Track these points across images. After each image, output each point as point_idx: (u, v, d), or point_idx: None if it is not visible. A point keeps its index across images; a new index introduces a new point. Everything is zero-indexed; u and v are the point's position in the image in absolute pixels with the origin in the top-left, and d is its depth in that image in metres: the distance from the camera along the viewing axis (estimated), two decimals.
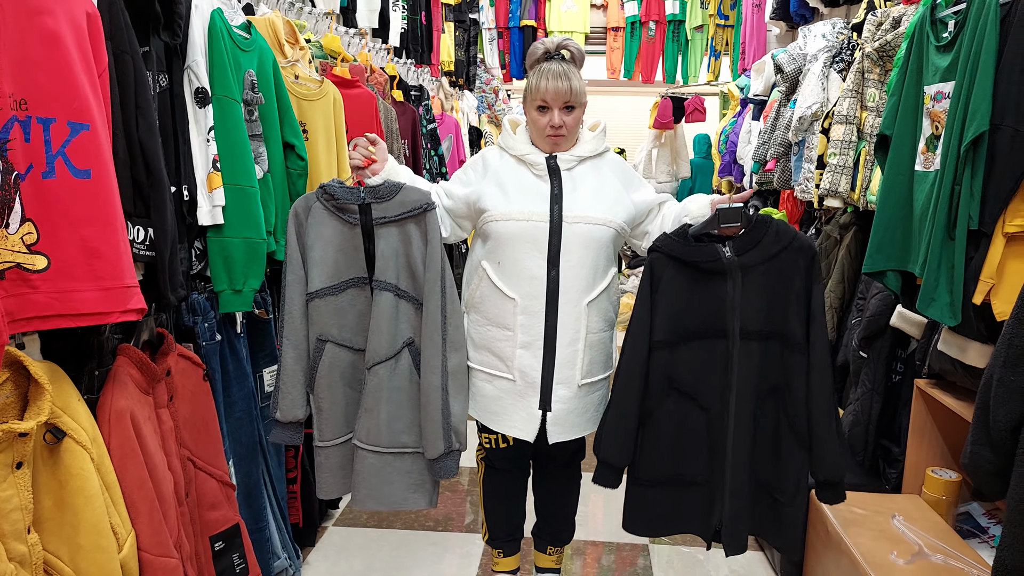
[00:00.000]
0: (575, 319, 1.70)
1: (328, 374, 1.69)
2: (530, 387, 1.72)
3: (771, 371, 1.64)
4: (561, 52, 1.71)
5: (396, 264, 1.64)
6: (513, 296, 1.69)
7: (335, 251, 1.65)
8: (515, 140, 1.77)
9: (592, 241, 1.69)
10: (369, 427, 1.68)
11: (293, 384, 1.69)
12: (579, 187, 1.72)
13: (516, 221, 1.68)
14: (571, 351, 1.71)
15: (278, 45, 2.07)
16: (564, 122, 1.68)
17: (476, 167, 1.81)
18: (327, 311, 1.67)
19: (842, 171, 2.57)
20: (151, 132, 1.33)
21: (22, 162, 1.11)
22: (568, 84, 1.66)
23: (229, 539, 1.61)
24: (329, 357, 1.69)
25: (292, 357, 1.68)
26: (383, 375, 1.66)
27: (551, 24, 6.45)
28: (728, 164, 4.66)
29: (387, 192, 1.63)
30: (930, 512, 1.94)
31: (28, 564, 1.15)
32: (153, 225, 1.36)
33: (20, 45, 1.10)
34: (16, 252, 1.12)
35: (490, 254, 1.73)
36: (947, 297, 1.60)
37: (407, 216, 1.63)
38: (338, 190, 1.63)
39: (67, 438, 1.21)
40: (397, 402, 1.68)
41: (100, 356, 1.36)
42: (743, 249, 1.61)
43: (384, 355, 1.66)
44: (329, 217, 1.64)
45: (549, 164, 1.72)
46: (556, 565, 2.10)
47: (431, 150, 3.63)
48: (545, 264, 1.68)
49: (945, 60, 1.68)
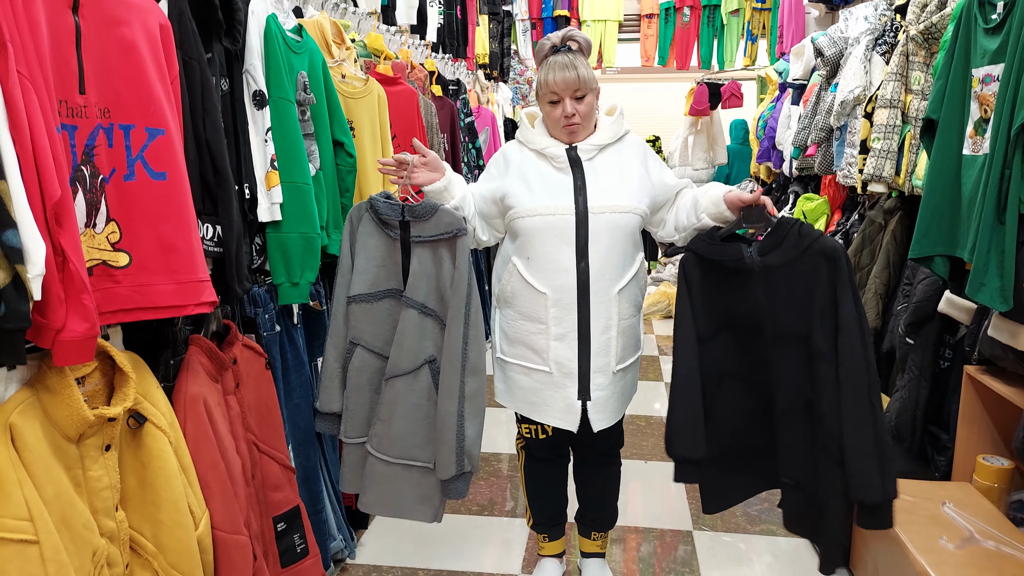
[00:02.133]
0: (606, 308, 1.73)
1: (357, 376, 1.74)
2: (567, 378, 1.76)
3: (803, 378, 1.61)
4: (568, 44, 1.73)
5: (426, 284, 1.68)
6: (544, 291, 1.72)
7: (376, 263, 1.71)
8: (534, 134, 1.79)
9: (619, 229, 1.71)
10: (381, 436, 1.71)
11: (331, 379, 1.75)
12: (601, 176, 1.73)
13: (542, 216, 1.71)
14: (605, 339, 1.74)
15: (326, 46, 2.14)
16: (577, 110, 1.70)
17: (498, 164, 1.83)
18: (363, 317, 1.72)
19: (886, 156, 2.54)
20: (218, 134, 1.40)
21: (106, 166, 1.19)
22: (575, 73, 1.68)
23: (291, 520, 1.69)
24: (359, 360, 1.73)
25: (333, 355, 1.75)
26: (400, 388, 1.69)
27: (584, 13, 6.43)
28: (767, 150, 4.61)
29: (425, 212, 1.66)
30: (981, 499, 1.93)
31: (117, 539, 1.23)
32: (221, 222, 1.43)
33: (102, 56, 1.18)
34: (102, 250, 1.20)
35: (519, 250, 1.76)
36: (997, 282, 1.59)
37: (440, 238, 1.66)
38: (382, 205, 1.68)
39: (148, 423, 1.30)
40: (414, 419, 1.69)
41: (174, 346, 1.44)
42: (766, 250, 1.62)
43: (403, 369, 1.68)
44: (375, 229, 1.70)
45: (570, 156, 1.74)
46: (601, 550, 2.14)
47: (469, 143, 3.68)
48: (574, 256, 1.70)
49: (994, 42, 1.66)
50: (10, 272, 0.98)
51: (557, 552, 2.12)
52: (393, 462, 1.72)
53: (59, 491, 1.12)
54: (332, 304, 1.75)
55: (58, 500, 1.12)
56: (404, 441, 1.70)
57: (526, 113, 1.86)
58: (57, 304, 1.04)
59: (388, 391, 1.70)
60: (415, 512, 1.75)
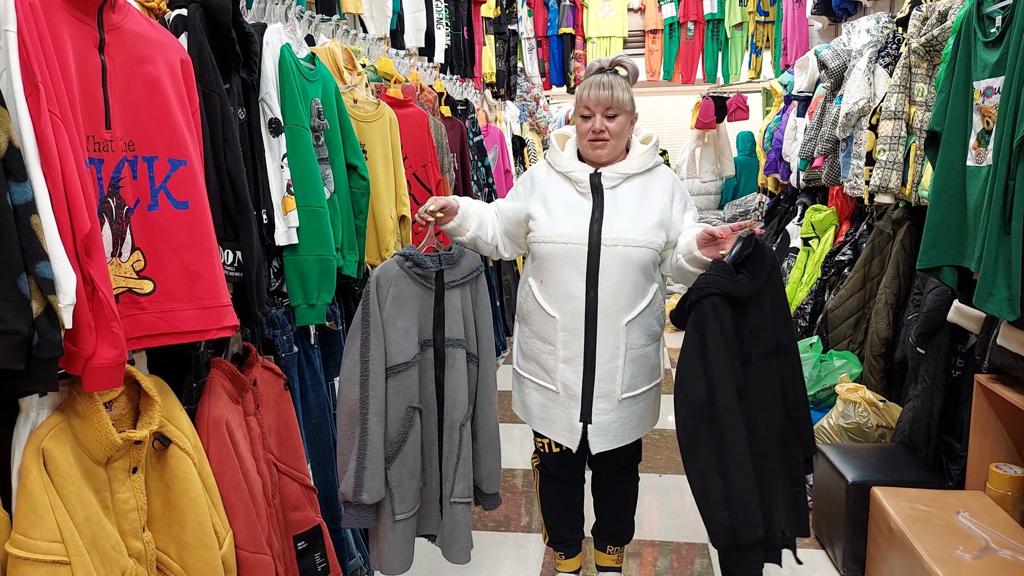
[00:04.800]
0: (614, 337, 1.75)
1: (414, 443, 1.73)
2: (572, 399, 1.79)
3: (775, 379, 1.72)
4: (615, 68, 1.79)
5: (460, 322, 1.76)
6: (554, 315, 1.77)
7: (418, 317, 1.73)
8: (562, 157, 1.83)
9: (630, 262, 1.73)
10: (461, 480, 1.76)
11: (379, 465, 1.66)
12: (620, 207, 1.76)
13: (555, 243, 1.76)
14: (611, 367, 1.77)
15: (338, 72, 2.19)
16: (606, 127, 1.73)
17: (525, 184, 1.88)
18: (413, 378, 1.73)
19: (892, 167, 2.56)
20: (238, 163, 1.45)
21: (131, 197, 1.24)
22: (610, 92, 1.72)
23: (312, 539, 1.72)
24: (418, 425, 1.75)
25: (378, 433, 1.65)
26: (466, 430, 1.76)
27: (589, 31, 6.51)
28: (773, 161, 4.64)
29: (456, 258, 1.76)
30: (995, 508, 1.92)
31: (144, 560, 1.27)
32: (241, 248, 1.47)
33: (127, 92, 1.23)
34: (127, 278, 1.24)
35: (535, 271, 1.82)
36: (1005, 292, 1.60)
37: (468, 279, 1.77)
38: (421, 258, 1.71)
39: (172, 445, 1.33)
40: (466, 459, 1.78)
41: (196, 369, 1.48)
42: (753, 272, 1.65)
43: (466, 411, 1.76)
44: (412, 284, 1.72)
45: (592, 182, 1.77)
46: (616, 564, 2.15)
47: (478, 161, 3.74)
48: (584, 285, 1.73)
49: (994, 55, 1.68)
50: (43, 303, 1.02)
51: (574, 569, 2.13)
52: (460, 502, 1.77)
53: (89, 514, 1.16)
54: (370, 380, 1.65)
55: (88, 522, 1.15)
56: (466, 480, 1.78)
57: (556, 135, 1.90)
58: (87, 332, 1.08)
59: (461, 435, 1.75)
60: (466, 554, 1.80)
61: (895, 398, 2.70)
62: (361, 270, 2.12)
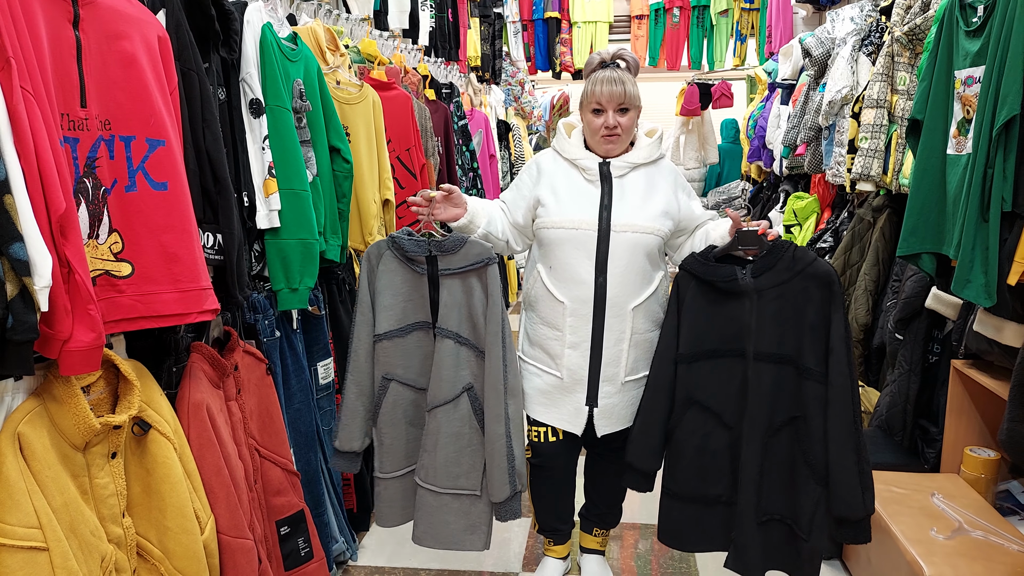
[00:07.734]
0: (621, 322, 1.78)
1: (391, 411, 1.77)
2: (577, 384, 1.82)
3: (787, 398, 1.65)
4: (617, 61, 1.81)
5: (458, 314, 1.72)
6: (563, 300, 1.78)
7: (403, 298, 1.73)
8: (569, 144, 1.85)
9: (639, 248, 1.76)
10: (428, 467, 1.76)
11: (352, 418, 1.77)
12: (628, 194, 1.78)
13: (565, 229, 1.77)
14: (616, 351, 1.79)
15: (320, 53, 2.16)
16: (619, 123, 1.76)
17: (531, 173, 1.89)
18: (394, 351, 1.75)
19: (874, 155, 2.58)
20: (217, 144, 1.42)
21: (108, 178, 1.21)
22: (623, 88, 1.75)
23: (295, 524, 1.71)
24: (393, 395, 1.77)
25: (354, 393, 1.76)
26: (441, 418, 1.74)
27: (575, 15, 6.47)
28: (757, 149, 4.66)
29: (452, 246, 1.70)
30: (969, 490, 1.97)
31: (124, 545, 1.25)
32: (221, 230, 1.45)
33: (103, 69, 1.20)
34: (105, 260, 1.22)
35: (543, 257, 1.83)
36: (982, 279, 1.63)
37: (470, 269, 1.70)
38: (407, 242, 1.70)
39: (152, 430, 1.32)
40: (457, 447, 1.75)
41: (176, 353, 1.46)
42: (759, 271, 1.65)
43: (444, 398, 1.73)
44: (399, 265, 1.72)
45: (601, 170, 1.79)
46: (600, 547, 2.17)
47: (463, 146, 3.71)
48: (593, 270, 1.75)
49: (975, 45, 1.70)
50: (17, 284, 1.00)
51: (562, 556, 2.15)
52: (442, 492, 1.77)
53: (67, 499, 1.14)
54: (352, 344, 1.75)
55: (66, 508, 1.14)
56: (449, 470, 1.75)
57: (563, 123, 1.91)
58: (64, 315, 1.06)
59: (431, 422, 1.75)
60: (466, 543, 1.80)
61: (873, 383, 2.74)
62: (344, 254, 2.10)
